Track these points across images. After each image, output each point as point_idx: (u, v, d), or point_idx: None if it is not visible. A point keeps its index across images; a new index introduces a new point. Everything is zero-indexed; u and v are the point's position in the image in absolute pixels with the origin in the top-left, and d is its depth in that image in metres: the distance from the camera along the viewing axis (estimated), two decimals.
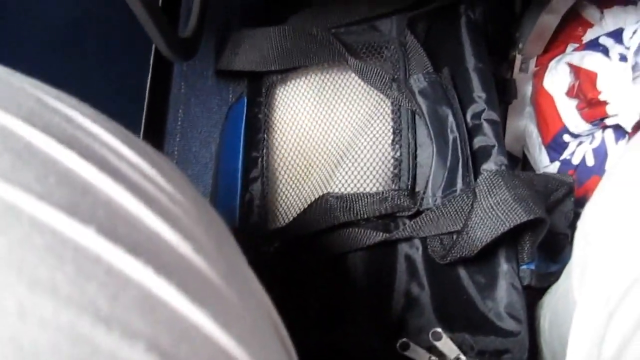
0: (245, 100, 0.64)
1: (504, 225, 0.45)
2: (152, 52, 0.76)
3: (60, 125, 0.20)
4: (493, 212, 0.45)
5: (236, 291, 0.22)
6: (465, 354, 0.46)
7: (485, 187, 0.47)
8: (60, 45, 0.59)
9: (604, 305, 0.27)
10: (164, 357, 0.16)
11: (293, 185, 0.56)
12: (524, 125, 0.74)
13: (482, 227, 0.45)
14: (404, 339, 0.47)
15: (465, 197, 0.49)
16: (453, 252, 0.47)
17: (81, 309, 0.16)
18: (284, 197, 0.57)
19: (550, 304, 0.51)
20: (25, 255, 0.16)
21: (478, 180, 0.48)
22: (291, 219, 0.54)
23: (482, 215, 0.46)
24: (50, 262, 0.16)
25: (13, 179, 0.17)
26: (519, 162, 0.75)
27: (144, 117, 0.73)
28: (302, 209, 0.54)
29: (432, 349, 0.47)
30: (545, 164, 0.71)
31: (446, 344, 0.46)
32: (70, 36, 0.61)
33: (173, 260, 0.19)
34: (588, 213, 0.36)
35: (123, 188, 0.20)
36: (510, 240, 0.49)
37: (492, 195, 0.46)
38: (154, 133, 0.76)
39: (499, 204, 0.45)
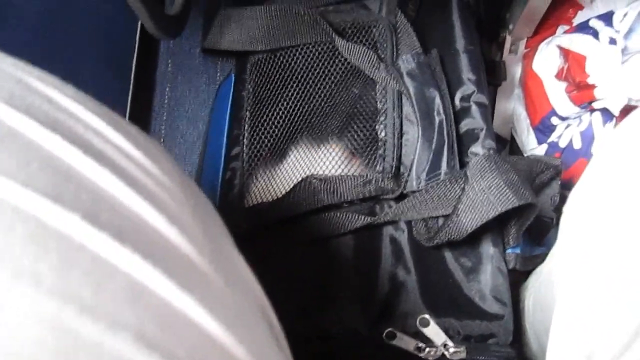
0: (233, 78, 0.63)
1: (495, 210, 0.44)
2: (138, 29, 0.74)
3: (42, 108, 0.20)
4: (485, 197, 0.45)
5: (223, 276, 0.21)
6: (451, 339, 0.46)
7: (477, 171, 0.47)
8: (44, 22, 0.58)
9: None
10: (150, 347, 0.16)
11: (273, 164, 0.56)
12: (513, 107, 0.74)
13: (472, 211, 0.45)
14: (390, 329, 0.46)
15: (449, 182, 0.48)
16: (441, 235, 0.47)
17: (65, 300, 0.15)
18: (263, 176, 0.56)
19: (535, 285, 0.51)
20: (8, 245, 0.16)
21: (470, 163, 0.48)
22: (269, 198, 0.54)
23: (473, 199, 0.45)
24: (33, 251, 0.16)
25: None
26: (507, 144, 0.75)
27: (130, 95, 0.72)
28: (281, 189, 0.54)
29: (419, 335, 0.46)
30: (532, 146, 0.71)
31: (433, 330, 0.46)
32: (55, 13, 0.60)
33: (159, 246, 0.19)
34: (574, 198, 0.36)
35: (108, 172, 0.20)
36: (496, 224, 0.49)
37: (484, 179, 0.46)
38: (140, 111, 0.75)
39: (490, 188, 0.45)
